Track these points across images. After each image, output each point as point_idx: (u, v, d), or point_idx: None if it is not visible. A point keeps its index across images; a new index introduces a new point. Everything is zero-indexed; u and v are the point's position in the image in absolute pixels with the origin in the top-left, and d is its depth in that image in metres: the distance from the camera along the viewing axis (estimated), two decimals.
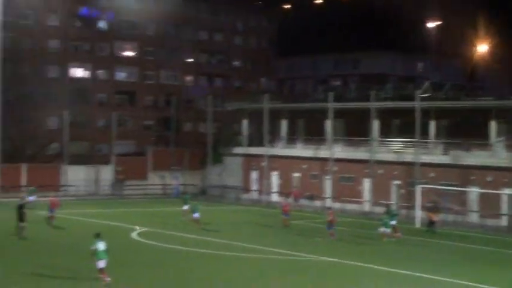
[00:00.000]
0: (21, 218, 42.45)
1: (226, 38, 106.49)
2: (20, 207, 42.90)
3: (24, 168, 69.64)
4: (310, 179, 69.32)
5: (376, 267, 35.82)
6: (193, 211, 49.13)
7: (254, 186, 73.89)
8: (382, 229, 45.46)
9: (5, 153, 71.82)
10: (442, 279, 33.09)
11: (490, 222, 55.62)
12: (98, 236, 30.14)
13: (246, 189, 74.08)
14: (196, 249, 39.70)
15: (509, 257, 42.16)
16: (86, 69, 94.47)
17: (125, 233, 45.75)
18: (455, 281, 32.73)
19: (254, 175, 74.17)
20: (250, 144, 75.63)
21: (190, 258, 37.52)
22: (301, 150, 71.22)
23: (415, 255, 40.87)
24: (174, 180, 75.65)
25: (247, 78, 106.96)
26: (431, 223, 50.98)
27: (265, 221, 55.20)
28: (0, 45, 68.29)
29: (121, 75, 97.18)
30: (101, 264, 29.52)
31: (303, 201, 66.97)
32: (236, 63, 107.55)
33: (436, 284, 32.31)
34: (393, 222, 46.31)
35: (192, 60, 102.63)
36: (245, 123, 78.28)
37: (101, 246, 29.74)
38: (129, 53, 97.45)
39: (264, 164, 71.06)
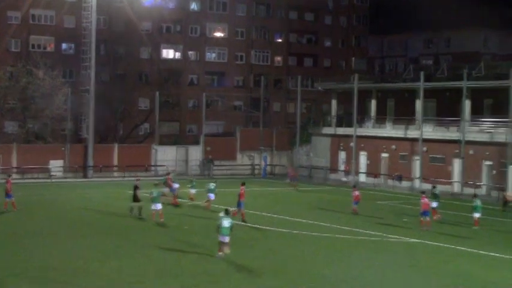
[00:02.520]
0: (135, 198, 43.43)
1: (317, 17, 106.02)
2: (135, 188, 43.73)
3: (115, 148, 71.15)
4: (399, 160, 68.55)
5: (469, 249, 35.25)
6: (208, 191, 47.65)
7: (342, 166, 73.56)
8: (476, 215, 43.31)
9: (98, 134, 73.62)
10: None
11: None
12: (225, 213, 31.66)
13: (334, 169, 73.82)
14: (288, 230, 39.77)
15: None
16: (177, 50, 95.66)
17: (216, 213, 46.19)
18: None
19: (342, 155, 73.83)
20: (339, 125, 75.20)
21: (279, 238, 37.68)
22: (390, 130, 70.44)
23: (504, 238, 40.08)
24: (263, 160, 76.06)
25: (337, 57, 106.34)
26: (505, 203, 50.12)
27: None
28: (94, 27, 69.73)
29: (211, 55, 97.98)
30: (223, 239, 30.89)
31: (393, 182, 66.34)
32: (326, 42, 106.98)
33: None
34: (434, 205, 44.65)
35: (281, 40, 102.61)
36: (334, 103, 77.88)
37: (226, 223, 30.98)
38: (219, 34, 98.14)
39: (352, 144, 70.59)
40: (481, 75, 65.56)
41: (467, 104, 63.70)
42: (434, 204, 44.88)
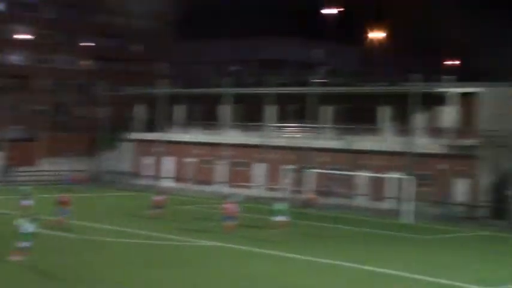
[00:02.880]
0: None
1: (125, 21, 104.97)
2: None
3: None
4: (204, 164, 69.17)
5: (265, 251, 35.89)
6: (24, 198, 46.06)
7: (148, 171, 73.25)
8: (278, 217, 43.54)
9: None
10: (331, 262, 33.41)
11: (378, 205, 56.64)
12: (27, 220, 31.30)
13: (139, 174, 73.33)
14: (78, 236, 38.93)
15: (396, 238, 42.96)
16: None
17: (11, 220, 44.51)
18: (342, 263, 33.11)
19: (148, 160, 73.54)
20: (146, 130, 74.90)
21: (65, 243, 36.76)
22: (196, 135, 70.98)
23: (303, 239, 41.16)
24: (66, 166, 74.17)
25: (145, 62, 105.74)
26: (307, 205, 52.01)
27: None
28: None
29: (15, 58, 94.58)
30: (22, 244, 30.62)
31: (198, 187, 66.80)
32: (134, 47, 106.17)
33: (324, 267, 32.61)
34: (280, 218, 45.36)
35: (89, 44, 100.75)
36: (141, 108, 77.47)
37: (28, 228, 30.83)
38: (24, 36, 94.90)
39: (158, 149, 70.39)
40: (285, 81, 67.50)
41: (271, 110, 65.27)
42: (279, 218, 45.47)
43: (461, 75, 72.87)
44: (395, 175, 56.00)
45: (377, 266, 32.28)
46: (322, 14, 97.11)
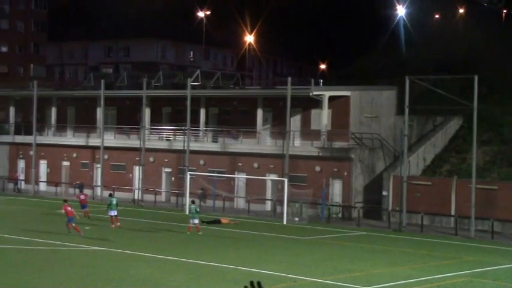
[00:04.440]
0: None
1: None
2: None
3: None
4: (81, 168, 68.42)
5: (146, 254, 36.08)
6: None
7: (21, 175, 71.74)
8: (193, 221, 43.98)
9: None
10: (207, 263, 33.93)
11: (256, 207, 57.71)
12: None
13: (12, 178, 71.69)
14: None
15: (274, 239, 43.92)
16: None
17: None
18: (220, 264, 33.67)
19: (21, 164, 72.05)
20: (18, 132, 73.30)
21: None
22: (71, 138, 70.09)
23: (183, 242, 41.54)
24: None
25: (15, 63, 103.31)
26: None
27: (31, 210, 53.88)
28: None
29: None
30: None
31: (74, 191, 65.93)
32: (3, 48, 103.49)
33: (200, 268, 33.05)
34: (113, 213, 45.60)
35: None
36: (12, 110, 75.74)
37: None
38: None
39: (31, 152, 69.08)
40: (159, 84, 67.59)
41: (147, 112, 65.27)
42: (113, 213, 45.55)
43: (332, 79, 75.37)
44: (272, 177, 57.28)
45: (253, 267, 33.06)
46: (195, 16, 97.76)
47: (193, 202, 46.04)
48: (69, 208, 42.26)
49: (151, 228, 46.63)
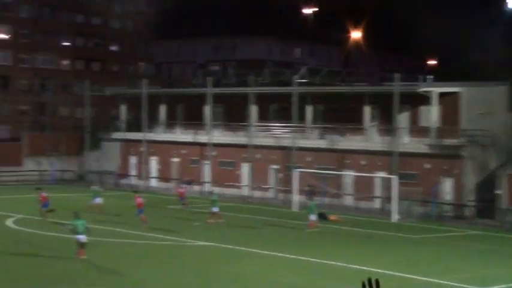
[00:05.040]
0: None
1: (103, 21, 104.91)
2: None
3: None
4: (190, 164, 69.53)
5: (254, 250, 36.40)
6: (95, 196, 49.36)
7: (133, 171, 73.48)
8: (312, 216, 44.40)
9: None
10: (318, 260, 33.95)
11: (364, 204, 57.35)
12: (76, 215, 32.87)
13: (124, 174, 73.53)
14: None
15: (383, 237, 43.60)
16: None
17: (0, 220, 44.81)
18: (330, 262, 33.64)
19: (133, 160, 73.76)
20: (129, 130, 75.08)
21: (68, 244, 36.96)
22: (180, 135, 71.27)
23: (292, 239, 41.69)
24: (50, 166, 74.30)
25: (125, 62, 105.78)
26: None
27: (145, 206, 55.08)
28: None
29: None
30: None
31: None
32: (114, 47, 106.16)
33: (312, 266, 33.12)
34: (215, 209, 46.13)
35: (68, 43, 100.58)
36: (123, 108, 77.63)
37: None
38: (2, 36, 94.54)
39: (142, 149, 70.68)
40: (266, 81, 67.96)
41: (253, 109, 65.78)
42: (215, 209, 46.10)
43: (441, 75, 74.01)
44: (380, 174, 56.79)
45: (365, 265, 32.87)
46: (301, 13, 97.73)
47: (311, 199, 47.58)
48: (140, 199, 44.25)
49: (260, 224, 46.98)
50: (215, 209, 46.17)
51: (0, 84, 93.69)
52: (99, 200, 48.84)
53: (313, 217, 44.49)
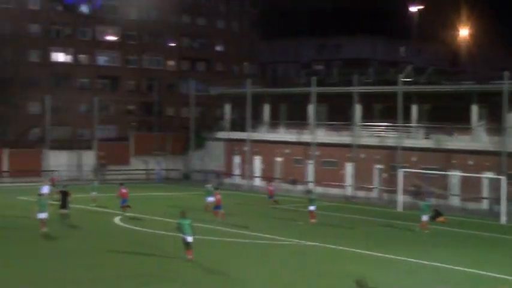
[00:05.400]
0: (64, 205, 43.17)
1: (209, 21, 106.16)
2: (65, 194, 43.38)
3: (5, 153, 69.26)
4: (293, 164, 69.50)
5: (359, 251, 36.05)
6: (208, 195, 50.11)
7: (236, 171, 74.02)
8: (424, 217, 43.85)
9: None
10: (426, 262, 33.32)
11: (471, 205, 56.02)
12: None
13: (229, 174, 74.17)
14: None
15: (492, 240, 42.46)
16: (67, 53, 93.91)
17: (108, 218, 45.83)
18: (439, 264, 32.98)
19: (236, 160, 74.30)
20: (233, 129, 75.65)
21: (174, 242, 37.48)
22: (283, 134, 71.33)
23: (398, 239, 41.10)
24: (157, 165, 75.69)
25: (230, 62, 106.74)
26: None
27: (248, 205, 55.39)
28: None
29: (103, 59, 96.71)
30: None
31: (287, 186, 67.17)
32: (218, 47, 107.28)
33: (420, 268, 32.52)
34: (312, 208, 45.82)
35: (174, 44, 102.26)
36: (228, 107, 78.29)
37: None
38: (111, 38, 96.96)
39: (246, 148, 71.12)
40: (370, 80, 67.25)
41: (357, 109, 65.20)
42: (312, 208, 45.83)
43: None
44: (488, 175, 55.33)
45: (483, 270, 32.01)
46: (407, 11, 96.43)
47: (420, 199, 47.99)
48: (218, 196, 46.10)
49: (364, 224, 46.47)
50: (312, 208, 45.93)
51: (109, 84, 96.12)
52: (211, 199, 48.98)
53: (425, 217, 43.74)
